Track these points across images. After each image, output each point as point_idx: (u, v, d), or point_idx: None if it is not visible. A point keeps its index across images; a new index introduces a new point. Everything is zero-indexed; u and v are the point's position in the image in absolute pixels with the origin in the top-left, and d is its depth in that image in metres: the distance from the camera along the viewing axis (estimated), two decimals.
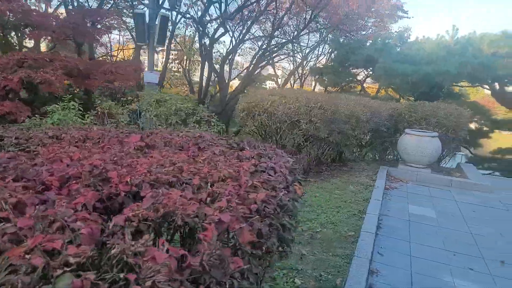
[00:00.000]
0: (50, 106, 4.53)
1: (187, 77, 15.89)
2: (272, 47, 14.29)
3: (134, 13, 6.95)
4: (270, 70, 23.77)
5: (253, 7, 13.35)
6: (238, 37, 14.05)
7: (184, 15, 13.56)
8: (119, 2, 12.91)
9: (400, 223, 4.73)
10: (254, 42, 16.70)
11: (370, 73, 15.01)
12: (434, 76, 9.92)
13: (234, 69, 21.55)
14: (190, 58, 14.96)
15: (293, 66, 22.12)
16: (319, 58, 20.60)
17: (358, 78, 17.28)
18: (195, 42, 13.91)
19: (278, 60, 19.17)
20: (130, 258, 1.05)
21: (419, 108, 8.30)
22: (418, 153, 7.09)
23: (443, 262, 3.76)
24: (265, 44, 14.29)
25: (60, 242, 1.03)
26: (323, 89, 18.27)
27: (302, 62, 18.20)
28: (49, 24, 6.95)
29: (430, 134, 7.16)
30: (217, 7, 13.16)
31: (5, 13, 6.13)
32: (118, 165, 1.86)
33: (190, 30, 14.88)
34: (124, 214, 1.36)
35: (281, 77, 21.68)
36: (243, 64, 22.09)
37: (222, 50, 15.03)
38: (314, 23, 14.52)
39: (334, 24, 14.10)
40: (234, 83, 20.64)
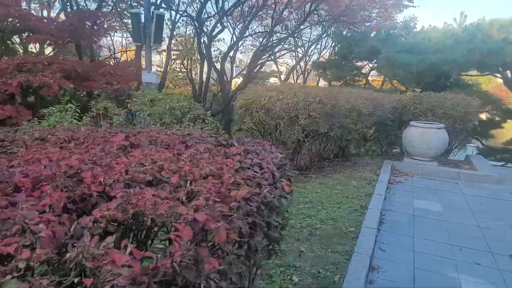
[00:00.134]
0: (47, 109, 4.55)
1: (189, 76, 15.89)
2: (272, 43, 14.17)
3: (132, 13, 6.96)
4: (274, 67, 23.65)
5: (252, 3, 13.26)
6: (238, 34, 14.00)
7: (180, 13, 13.52)
8: (119, 4, 12.93)
9: (404, 218, 4.63)
10: (256, 39, 16.63)
11: (374, 65, 14.78)
12: (440, 65, 9.68)
13: (237, 67, 21.49)
14: (192, 57, 14.94)
15: (296, 62, 21.97)
16: (322, 52, 20.43)
17: (362, 71, 17.06)
18: (196, 41, 13.93)
19: (280, 55, 19.03)
20: (88, 262, 1.01)
21: (425, 99, 8.13)
22: (424, 145, 6.94)
23: (448, 257, 3.65)
24: (265, 40, 14.18)
25: (14, 246, 0.99)
26: (327, 83, 18.10)
27: (303, 56, 18.02)
28: (46, 27, 6.98)
29: (436, 126, 7.01)
30: (214, 4, 13.11)
31: (2, 18, 6.17)
32: (97, 165, 1.82)
33: (190, 28, 14.88)
34: (93, 215, 1.32)
35: (284, 73, 21.53)
36: (246, 61, 22.02)
37: (222, 48, 15.04)
38: (316, 16, 14.36)
39: (336, 16, 13.89)
40: (238, 81, 20.58)
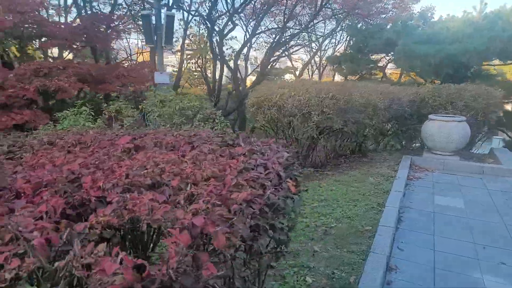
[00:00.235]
0: (61, 113, 4.64)
1: (204, 75, 15.95)
2: (285, 39, 14.00)
3: (141, 15, 7.00)
4: (289, 63, 23.45)
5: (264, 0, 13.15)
6: (250, 31, 13.90)
7: (192, 13, 13.55)
8: (134, 6, 13.09)
9: (423, 216, 4.47)
10: (269, 35, 16.51)
11: (391, 58, 14.41)
12: (459, 55, 9.33)
13: (252, 64, 21.40)
14: (206, 56, 14.98)
15: (310, 57, 21.65)
16: (337, 46, 20.06)
17: (379, 64, 16.67)
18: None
19: (294, 51, 18.81)
20: (78, 271, 0.98)
21: (444, 91, 7.86)
22: (444, 139, 6.71)
23: (471, 256, 3.49)
24: (278, 36, 14.04)
25: (4, 255, 0.98)
26: (343, 78, 17.78)
27: (316, 51, 17.74)
28: (61, 32, 7.15)
29: (456, 119, 6.76)
30: (224, 3, 13.05)
31: (18, 25, 6.36)
32: (99, 169, 1.81)
33: (203, 28, 14.90)
34: (90, 221, 1.30)
35: (299, 69, 21.30)
36: (261, 59, 21.88)
37: (236, 46, 14.99)
38: (329, 10, 14.11)
39: (349, 9, 13.58)
40: (253, 79, 20.50)
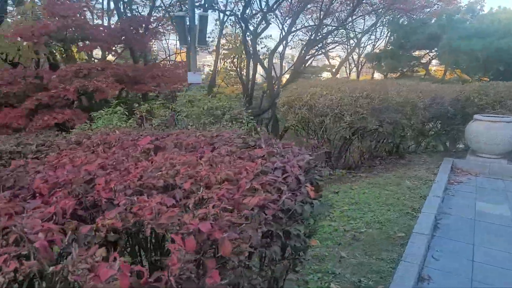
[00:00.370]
0: (96, 112, 4.85)
1: (239, 74, 16.04)
2: (321, 35, 13.68)
3: (172, 16, 7.15)
4: (327, 61, 22.96)
5: None
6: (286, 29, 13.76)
7: (227, 14, 13.63)
8: (172, 8, 13.41)
9: (463, 223, 4.17)
10: (306, 33, 16.25)
11: (435, 54, 13.64)
12: (510, 50, 8.61)
13: (289, 63, 21.19)
14: (241, 56, 15.05)
15: (352, 55, 21.02)
16: (377, 43, 19.31)
17: (422, 61, 15.86)
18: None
19: (330, 49, 18.36)
20: (74, 276, 0.98)
21: (491, 89, 7.29)
22: (490, 141, 6.22)
23: None
24: (313, 33, 13.77)
25: (4, 257, 0.99)
26: (383, 76, 17.13)
27: (354, 48, 17.17)
28: (100, 35, 7.50)
29: (505, 119, 6.24)
30: (259, 1, 12.98)
31: (61, 29, 6.75)
32: (116, 170, 1.83)
33: (238, 27, 14.97)
34: (96, 223, 1.31)
35: (337, 67, 20.77)
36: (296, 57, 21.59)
37: (271, 44, 14.94)
38: (368, 6, 13.60)
39: (390, 3, 12.98)
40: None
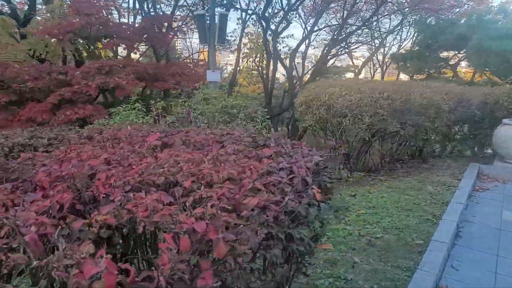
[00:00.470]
0: (115, 108, 4.94)
1: (261, 73, 16.01)
2: (344, 35, 13.41)
3: (195, 14, 7.18)
4: (352, 61, 22.53)
5: None
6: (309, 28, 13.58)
7: (249, 13, 13.60)
8: (196, 7, 13.51)
9: (487, 232, 3.95)
10: (329, 32, 15.98)
11: (464, 55, 13.10)
12: None
13: (312, 63, 20.94)
14: (263, 55, 15.00)
15: (377, 55, 20.52)
16: (403, 43, 18.74)
17: (450, 63, 15.25)
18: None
19: (354, 48, 17.95)
20: (58, 272, 0.96)
21: None
22: None
23: None
24: (336, 33, 13.52)
25: None
26: (408, 77, 16.62)
27: (378, 48, 16.70)
28: (122, 33, 7.65)
29: None
30: (279, 1, 12.90)
31: (85, 26, 6.93)
32: (121, 165, 1.83)
33: (259, 26, 14.89)
34: (91, 219, 1.29)
35: (360, 67, 20.32)
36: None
37: (293, 43, 14.77)
38: (394, 5, 13.21)
39: (416, 2, 12.55)
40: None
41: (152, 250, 1.53)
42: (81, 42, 7.96)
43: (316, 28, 14.06)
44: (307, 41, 15.30)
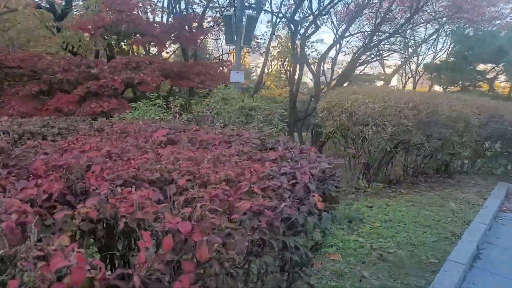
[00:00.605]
0: (135, 103, 5.03)
1: (288, 77, 15.88)
2: (375, 42, 13.05)
3: (222, 15, 7.20)
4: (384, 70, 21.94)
5: (358, 2, 12.45)
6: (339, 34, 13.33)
7: (278, 15, 13.49)
8: (226, 9, 13.59)
9: (510, 256, 3.69)
10: (361, 39, 15.63)
11: (503, 69, 12.44)
12: None
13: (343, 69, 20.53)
14: (292, 58, 14.87)
15: (409, 65, 19.89)
16: (439, 53, 18.04)
17: (487, 76, 14.53)
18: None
19: (385, 56, 17.43)
20: (25, 262, 0.94)
21: None
22: None
23: None
24: (367, 40, 13.18)
25: None
26: (442, 89, 15.98)
27: (409, 57, 16.11)
28: (151, 30, 7.82)
29: None
30: (309, 5, 12.73)
31: (116, 23, 7.13)
32: (121, 158, 1.82)
33: (288, 30, 14.75)
34: (76, 211, 1.27)
35: (390, 76, 19.73)
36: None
37: (322, 49, 14.54)
38: (429, 14, 12.74)
39: (454, 11, 12.04)
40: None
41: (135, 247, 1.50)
42: (111, 37, 8.20)
43: (347, 34, 13.81)
44: (338, 46, 15.06)
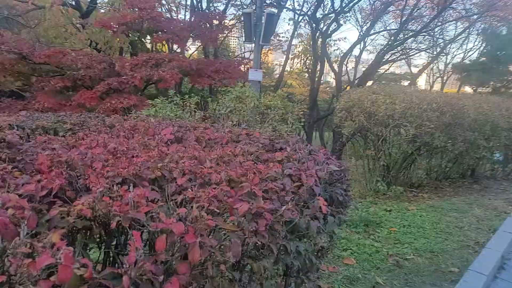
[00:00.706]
0: (152, 100, 5.08)
1: (310, 75, 15.70)
2: (401, 40, 12.63)
3: (242, 13, 7.17)
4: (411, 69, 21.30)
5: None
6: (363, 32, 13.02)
7: (300, 14, 13.32)
8: (251, 6, 13.56)
9: None
10: (387, 38, 15.18)
11: None
12: None
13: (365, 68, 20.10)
14: (313, 57, 14.68)
15: (437, 64, 19.22)
16: (469, 53, 17.27)
17: None
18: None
19: (411, 55, 16.85)
20: (11, 258, 0.93)
21: None
22: None
23: None
24: (392, 38, 12.78)
25: None
26: (472, 90, 15.32)
27: (436, 56, 15.49)
28: (171, 28, 7.90)
29: None
30: (331, 2, 12.48)
31: (137, 20, 7.25)
32: (125, 156, 1.82)
33: (309, 28, 14.55)
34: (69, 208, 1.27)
35: (415, 75, 19.07)
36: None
37: (344, 47, 14.28)
38: (458, 12, 12.22)
39: (485, 8, 11.46)
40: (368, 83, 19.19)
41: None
42: (133, 35, 8.36)
43: (372, 31, 13.47)
44: (362, 45, 14.74)
